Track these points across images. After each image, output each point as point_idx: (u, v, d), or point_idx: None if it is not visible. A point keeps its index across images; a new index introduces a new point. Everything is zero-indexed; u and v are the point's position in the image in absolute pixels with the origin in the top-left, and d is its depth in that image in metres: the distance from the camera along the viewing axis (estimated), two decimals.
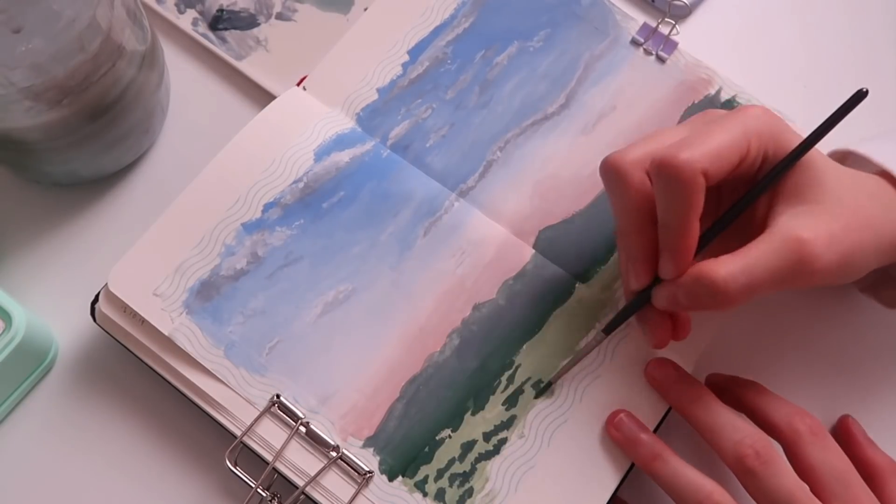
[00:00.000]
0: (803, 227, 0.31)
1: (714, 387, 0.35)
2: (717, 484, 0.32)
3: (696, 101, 0.40)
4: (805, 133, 0.32)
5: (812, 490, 0.31)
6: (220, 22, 0.44)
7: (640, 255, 0.33)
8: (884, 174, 0.34)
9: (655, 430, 0.35)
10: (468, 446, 0.35)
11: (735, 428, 0.32)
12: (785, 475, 0.31)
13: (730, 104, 0.40)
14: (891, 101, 0.44)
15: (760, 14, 0.46)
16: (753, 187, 0.32)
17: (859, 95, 0.30)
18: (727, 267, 0.30)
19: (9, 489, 0.37)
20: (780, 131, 0.32)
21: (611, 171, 0.33)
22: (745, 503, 0.32)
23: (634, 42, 0.42)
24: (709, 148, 0.30)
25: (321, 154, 0.39)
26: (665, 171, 0.30)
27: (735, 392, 0.35)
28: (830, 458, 0.32)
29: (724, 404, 0.33)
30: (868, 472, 0.35)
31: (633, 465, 0.34)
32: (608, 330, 0.35)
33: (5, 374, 0.36)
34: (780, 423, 0.33)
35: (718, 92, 0.41)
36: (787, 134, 0.32)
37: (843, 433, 0.37)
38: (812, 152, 0.32)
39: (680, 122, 0.40)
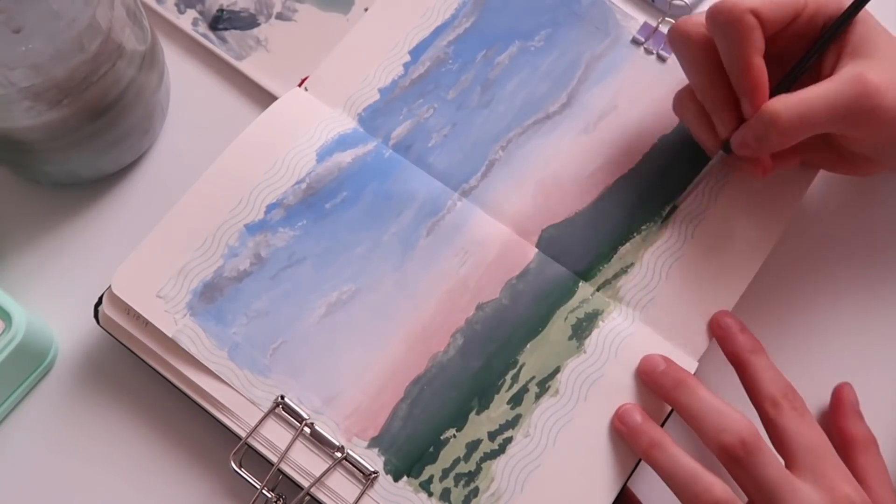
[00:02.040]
0: (868, 69, 0.32)
1: (720, 329, 0.36)
2: (717, 478, 0.32)
3: None
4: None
5: (785, 461, 0.32)
6: (220, 22, 0.44)
7: (719, 104, 0.35)
8: None
9: (661, 427, 0.35)
10: (473, 446, 0.35)
11: (721, 416, 0.32)
12: (770, 464, 0.31)
13: None
14: None
15: None
16: (822, 34, 0.34)
17: None
18: (783, 99, 0.33)
19: (9, 490, 0.37)
20: None
21: (675, 35, 0.35)
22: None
23: (635, 41, 0.42)
24: None
25: (323, 155, 0.39)
26: (717, 16, 0.33)
27: (734, 345, 0.35)
28: (805, 429, 0.32)
29: (710, 391, 0.33)
30: (841, 443, 0.36)
31: (638, 464, 0.35)
32: (727, 149, 0.36)
33: (5, 374, 0.36)
34: (765, 391, 0.33)
35: None
36: None
37: (834, 400, 0.38)
38: (867, 16, 0.34)
39: (680, 121, 0.40)
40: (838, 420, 0.37)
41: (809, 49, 0.34)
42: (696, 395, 0.33)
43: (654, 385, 0.35)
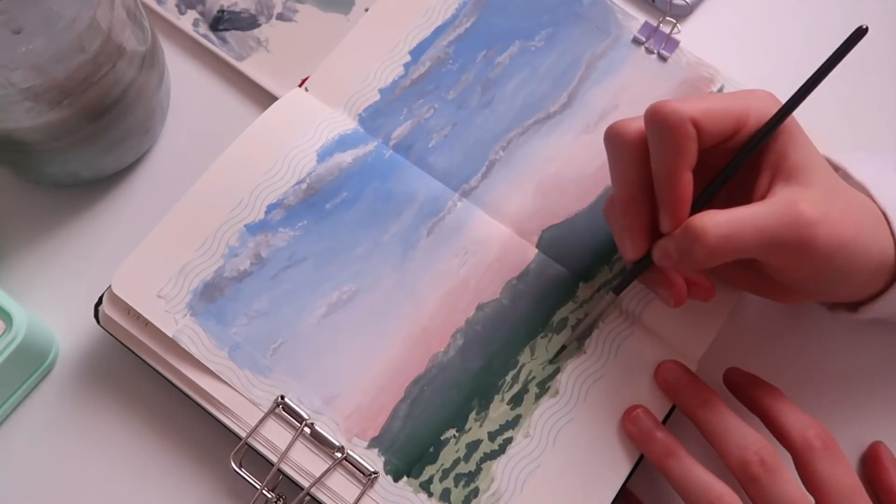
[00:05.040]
0: (803, 198, 0.30)
1: (732, 383, 0.35)
2: (727, 486, 0.32)
3: None
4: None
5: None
6: (220, 22, 0.44)
7: (638, 222, 0.33)
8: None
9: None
10: (473, 446, 0.35)
11: (741, 434, 0.32)
12: (788, 484, 0.31)
13: None
14: (890, 101, 0.44)
15: (761, 12, 0.46)
16: (745, 145, 0.32)
17: (859, 33, 0.30)
18: (711, 215, 0.30)
19: (9, 490, 0.37)
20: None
21: (611, 135, 0.33)
22: None
23: (636, 41, 0.42)
24: (702, 104, 0.31)
25: (324, 155, 0.39)
26: (655, 119, 0.31)
27: (751, 394, 0.35)
28: (840, 473, 0.32)
29: (731, 410, 0.33)
30: (891, 499, 0.35)
31: (637, 463, 0.35)
32: (617, 290, 0.35)
33: (6, 374, 0.36)
34: (794, 434, 0.33)
35: (721, 90, 0.41)
36: (789, 120, 0.32)
37: (872, 458, 0.37)
38: (808, 144, 0.32)
39: None
40: (884, 475, 0.36)
41: (732, 158, 0.32)
42: (720, 413, 0.33)
43: (677, 399, 0.35)
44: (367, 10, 0.43)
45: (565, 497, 0.34)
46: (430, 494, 0.34)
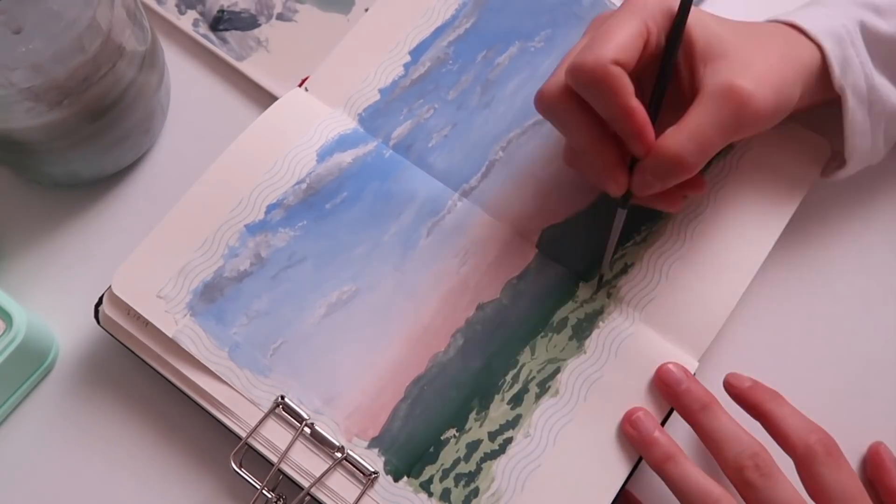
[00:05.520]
0: (730, 75, 0.32)
1: (732, 389, 0.35)
2: (725, 490, 0.32)
3: None
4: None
5: None
6: (220, 23, 0.44)
7: (607, 163, 0.34)
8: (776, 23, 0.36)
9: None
10: (473, 446, 0.35)
11: (737, 439, 0.32)
12: (784, 489, 0.31)
13: None
14: None
15: (759, 14, 0.46)
16: (665, 49, 0.33)
17: None
18: (675, 138, 0.32)
19: (9, 490, 0.37)
20: (671, 6, 0.33)
21: (541, 105, 0.34)
22: None
23: None
24: (611, 42, 0.32)
25: (324, 155, 0.39)
26: (581, 78, 0.32)
27: (752, 399, 0.35)
28: (842, 479, 0.32)
29: (728, 414, 0.34)
30: (892, 500, 0.35)
31: (637, 464, 0.35)
32: (623, 203, 0.35)
33: (6, 374, 0.36)
34: (796, 440, 0.33)
35: None
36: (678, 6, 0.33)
37: (873, 459, 0.37)
38: (703, 15, 0.34)
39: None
40: (886, 477, 0.36)
41: (661, 70, 0.33)
42: (717, 418, 0.33)
43: (676, 403, 0.35)
44: (367, 10, 0.43)
45: (565, 497, 0.34)
46: (430, 494, 0.34)
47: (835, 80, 0.35)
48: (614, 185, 0.34)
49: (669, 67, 0.33)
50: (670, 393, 0.35)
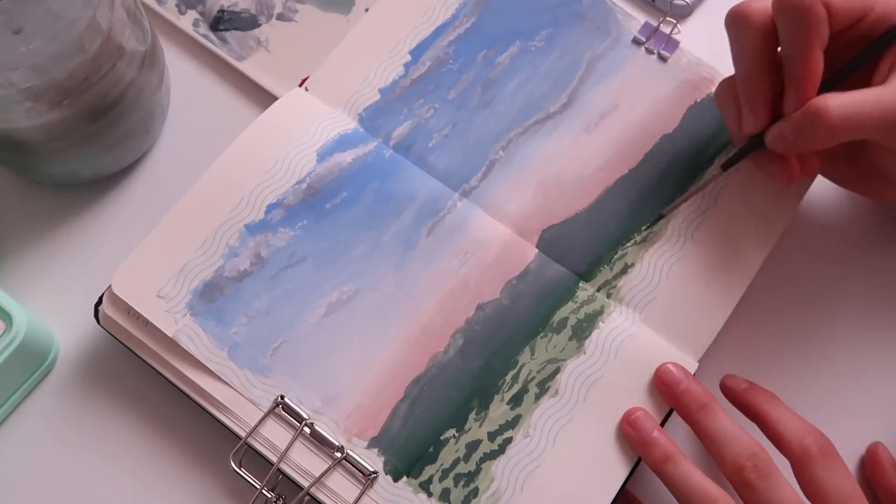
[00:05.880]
0: None
1: (729, 391, 0.35)
2: (724, 491, 0.32)
3: (698, 100, 0.40)
4: None
5: None
6: (220, 23, 0.44)
7: (760, 96, 0.34)
8: None
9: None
10: (473, 446, 0.35)
11: (736, 439, 0.32)
12: (782, 489, 0.31)
13: None
14: None
15: None
16: (881, 37, 0.33)
17: None
18: (835, 95, 0.32)
19: (10, 490, 0.37)
20: None
21: (735, 16, 0.34)
22: None
23: (636, 41, 0.42)
24: None
25: (324, 155, 0.39)
26: (787, 1, 0.32)
27: (748, 401, 0.35)
28: (838, 480, 0.32)
29: (728, 415, 0.33)
30: (890, 501, 0.35)
31: (637, 464, 0.35)
32: (726, 166, 0.36)
33: (6, 374, 0.36)
34: (792, 441, 0.33)
35: None
36: None
37: (871, 460, 0.37)
38: None
39: (682, 121, 0.40)
40: (883, 478, 0.36)
41: (866, 48, 0.33)
42: (717, 419, 0.33)
43: (676, 403, 0.35)
44: (367, 10, 0.43)
45: (565, 497, 0.34)
46: (430, 494, 0.34)
47: None
48: (754, 120, 0.34)
49: (873, 51, 0.33)
50: (670, 393, 0.35)
